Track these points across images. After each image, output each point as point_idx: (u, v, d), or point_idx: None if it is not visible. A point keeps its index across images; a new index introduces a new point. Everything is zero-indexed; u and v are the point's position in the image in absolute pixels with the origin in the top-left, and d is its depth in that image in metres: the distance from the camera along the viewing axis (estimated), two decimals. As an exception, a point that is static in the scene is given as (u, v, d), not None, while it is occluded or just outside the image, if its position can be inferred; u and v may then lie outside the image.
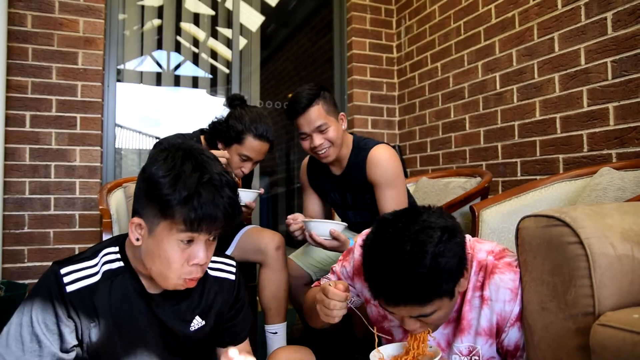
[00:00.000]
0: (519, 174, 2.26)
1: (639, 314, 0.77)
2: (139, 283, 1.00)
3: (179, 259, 0.92)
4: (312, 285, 1.39)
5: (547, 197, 1.75)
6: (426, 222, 0.91)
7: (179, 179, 0.88)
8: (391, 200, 1.64)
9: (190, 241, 0.92)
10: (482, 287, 1.03)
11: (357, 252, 1.19)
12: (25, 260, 2.35)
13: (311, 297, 1.27)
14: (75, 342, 0.95)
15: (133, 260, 1.00)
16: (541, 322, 0.91)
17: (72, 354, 0.96)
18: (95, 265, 0.98)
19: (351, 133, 1.81)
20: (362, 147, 1.72)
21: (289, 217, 1.66)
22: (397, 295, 0.90)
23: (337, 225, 1.53)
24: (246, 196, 1.63)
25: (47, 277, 0.95)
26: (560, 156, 2.05)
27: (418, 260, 0.86)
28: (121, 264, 1.00)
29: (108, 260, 1.00)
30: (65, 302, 0.93)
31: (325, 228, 1.52)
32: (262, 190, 1.72)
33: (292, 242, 1.86)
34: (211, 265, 1.11)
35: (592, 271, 0.82)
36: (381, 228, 0.95)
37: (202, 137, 1.79)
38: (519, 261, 1.00)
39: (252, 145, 1.67)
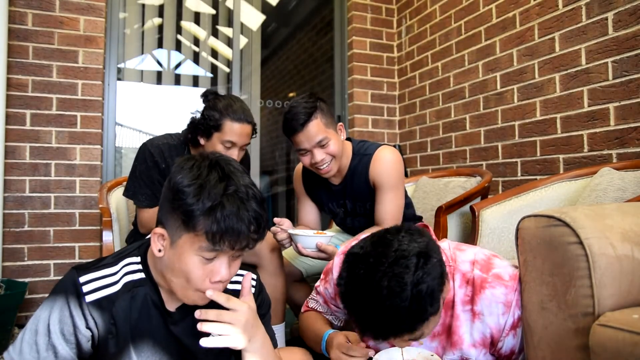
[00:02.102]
0: (519, 174, 2.26)
1: (638, 315, 0.77)
2: (159, 297, 0.97)
3: (201, 274, 0.88)
4: (302, 310, 1.37)
5: (547, 197, 1.75)
6: (398, 252, 0.86)
7: (203, 189, 0.84)
8: (389, 203, 1.63)
9: (214, 257, 0.87)
10: (471, 302, 1.02)
11: (336, 272, 1.17)
12: (25, 259, 2.35)
13: (306, 324, 1.27)
14: (91, 352, 0.93)
15: (154, 271, 0.97)
16: (541, 322, 0.91)
17: None
18: (116, 273, 0.95)
19: (348, 138, 1.76)
20: (362, 152, 1.68)
21: (275, 220, 1.59)
22: (385, 332, 0.88)
23: (323, 238, 1.50)
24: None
25: (65, 284, 0.92)
26: (561, 156, 2.05)
27: (398, 295, 0.83)
28: (142, 275, 0.97)
29: (130, 270, 0.97)
30: (84, 312, 0.90)
31: (311, 242, 1.48)
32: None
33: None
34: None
35: (592, 271, 0.82)
36: (353, 267, 0.90)
37: (188, 142, 1.75)
38: (519, 261, 1.00)
39: (232, 129, 1.60)
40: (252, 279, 1.08)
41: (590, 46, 1.91)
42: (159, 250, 0.91)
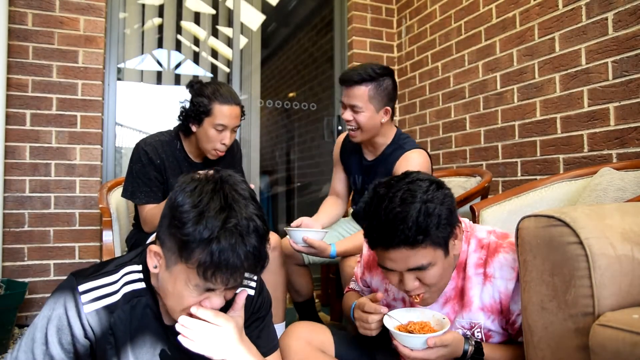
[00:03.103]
0: (519, 174, 2.26)
1: (638, 314, 0.77)
2: (158, 307, 0.95)
3: (192, 302, 0.85)
4: (344, 291, 1.47)
5: (547, 197, 1.75)
6: (415, 177, 1.01)
7: (202, 218, 0.80)
8: None
9: (208, 290, 0.85)
10: (484, 264, 1.07)
11: (365, 248, 1.30)
12: (25, 259, 2.35)
13: (344, 301, 1.40)
14: None
15: (155, 282, 0.94)
16: (541, 322, 0.91)
17: None
18: (116, 282, 0.93)
19: (398, 129, 1.83)
20: (400, 144, 1.73)
21: (293, 224, 1.66)
22: (390, 236, 0.94)
23: (314, 234, 1.54)
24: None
25: (64, 291, 0.90)
26: (561, 156, 2.05)
27: (408, 204, 0.94)
28: (143, 285, 0.94)
29: (130, 280, 0.94)
30: (83, 321, 0.88)
31: (298, 236, 1.53)
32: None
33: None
34: None
35: (592, 271, 0.82)
36: (375, 188, 1.02)
37: (180, 134, 1.79)
38: (519, 261, 1.00)
39: (222, 112, 1.65)
40: (251, 287, 1.06)
41: (590, 46, 1.91)
42: (155, 267, 0.89)
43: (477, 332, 1.09)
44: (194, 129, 1.70)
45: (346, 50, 3.28)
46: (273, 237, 1.77)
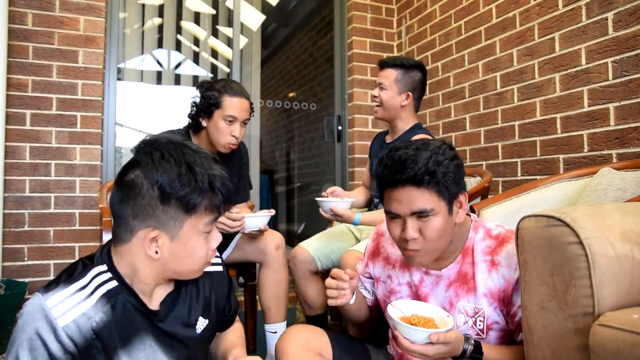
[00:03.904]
0: (519, 174, 2.26)
1: (638, 314, 0.77)
2: (138, 300, 0.95)
3: (205, 248, 0.95)
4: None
5: (547, 197, 1.75)
6: (430, 140, 1.10)
7: (191, 172, 0.89)
8: None
9: (208, 230, 0.95)
10: (492, 253, 1.11)
11: (370, 239, 1.37)
12: (25, 259, 2.35)
13: None
14: None
15: (129, 276, 0.94)
16: (541, 322, 0.91)
17: None
18: (86, 286, 0.90)
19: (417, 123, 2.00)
20: (416, 131, 1.92)
21: (328, 191, 1.90)
22: (400, 173, 1.03)
23: (340, 203, 1.73)
24: (260, 221, 1.67)
25: (31, 313, 0.84)
26: (561, 156, 2.05)
27: (421, 151, 1.04)
28: (116, 283, 0.93)
29: (101, 282, 0.92)
30: (59, 337, 0.83)
31: (326, 205, 1.73)
32: (273, 211, 1.73)
33: (290, 241, 1.88)
34: None
35: (592, 271, 0.82)
36: (394, 146, 1.11)
37: (190, 131, 1.82)
38: (519, 261, 1.00)
39: (232, 104, 1.71)
40: (217, 264, 1.16)
41: (590, 46, 1.91)
42: (156, 252, 0.90)
43: (480, 320, 1.09)
44: (204, 123, 1.74)
45: (346, 50, 3.28)
46: (277, 236, 1.79)
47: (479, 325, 1.10)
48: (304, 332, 1.19)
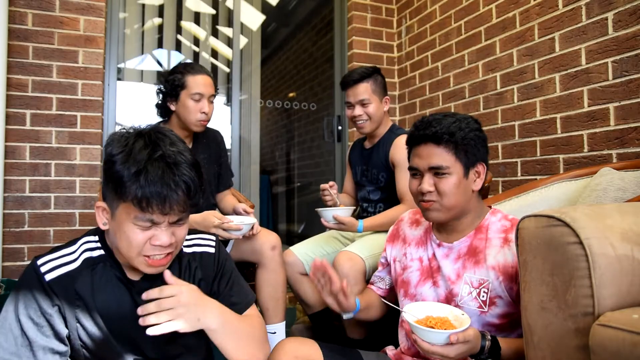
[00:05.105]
0: (519, 174, 2.26)
1: (638, 314, 0.77)
2: (120, 271, 1.00)
3: (141, 239, 0.90)
4: (367, 286, 1.51)
5: (547, 197, 1.75)
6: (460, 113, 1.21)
7: (129, 155, 0.87)
8: (406, 180, 1.73)
9: (151, 225, 0.89)
10: (507, 231, 1.16)
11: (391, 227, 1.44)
12: (25, 259, 2.35)
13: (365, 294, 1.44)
14: (67, 331, 0.96)
15: (114, 248, 0.99)
16: (541, 322, 0.91)
17: (67, 348, 0.96)
18: (74, 252, 0.99)
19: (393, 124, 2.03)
20: (394, 132, 1.95)
21: (327, 185, 1.94)
22: (425, 130, 1.15)
23: (343, 211, 1.74)
24: (238, 233, 1.67)
25: (26, 272, 0.96)
26: (561, 156, 2.05)
27: (447, 117, 1.17)
28: (102, 252, 1.00)
29: (88, 248, 1.00)
30: (47, 290, 0.93)
31: (329, 214, 1.72)
32: (254, 219, 1.77)
33: (290, 241, 1.89)
34: (185, 243, 1.10)
35: (592, 271, 0.82)
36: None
37: (160, 124, 1.84)
38: (519, 261, 1.00)
39: (196, 81, 1.77)
40: (210, 245, 1.13)
41: (590, 46, 1.91)
42: (104, 224, 0.95)
43: (484, 291, 1.11)
44: (172, 107, 1.80)
45: (346, 50, 3.28)
46: (273, 236, 1.78)
47: (482, 296, 1.11)
48: (294, 345, 1.17)
